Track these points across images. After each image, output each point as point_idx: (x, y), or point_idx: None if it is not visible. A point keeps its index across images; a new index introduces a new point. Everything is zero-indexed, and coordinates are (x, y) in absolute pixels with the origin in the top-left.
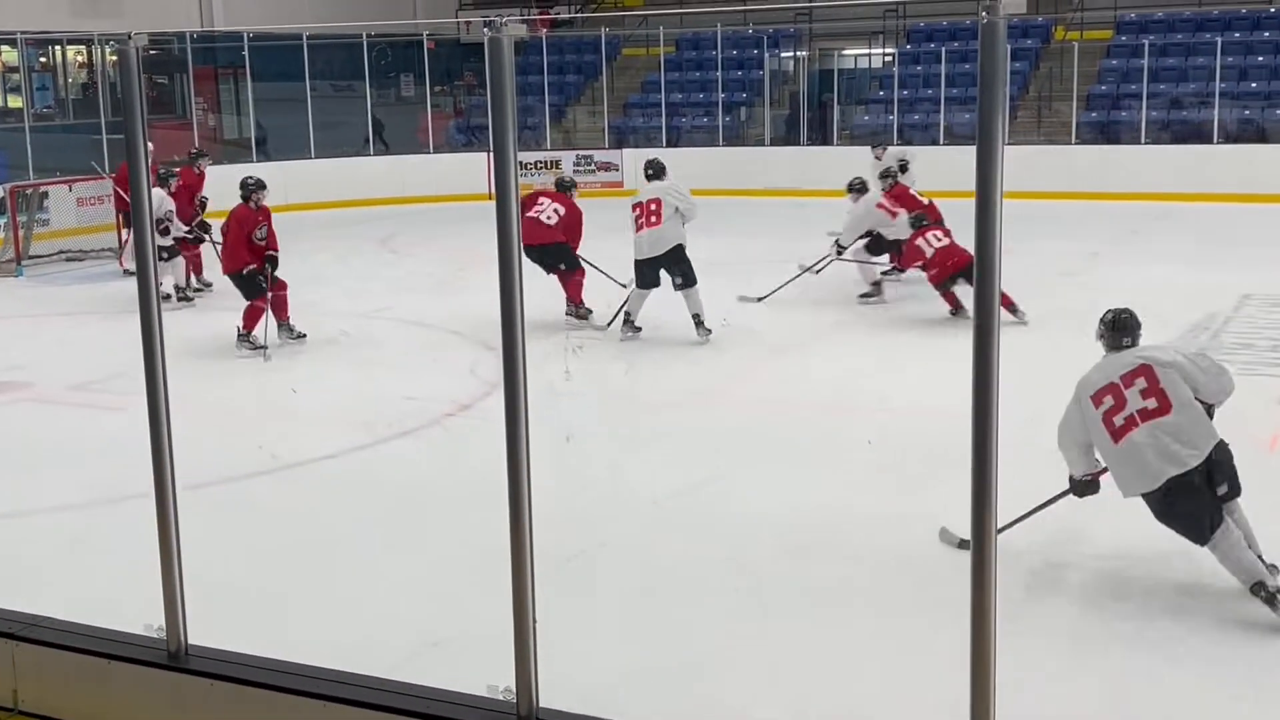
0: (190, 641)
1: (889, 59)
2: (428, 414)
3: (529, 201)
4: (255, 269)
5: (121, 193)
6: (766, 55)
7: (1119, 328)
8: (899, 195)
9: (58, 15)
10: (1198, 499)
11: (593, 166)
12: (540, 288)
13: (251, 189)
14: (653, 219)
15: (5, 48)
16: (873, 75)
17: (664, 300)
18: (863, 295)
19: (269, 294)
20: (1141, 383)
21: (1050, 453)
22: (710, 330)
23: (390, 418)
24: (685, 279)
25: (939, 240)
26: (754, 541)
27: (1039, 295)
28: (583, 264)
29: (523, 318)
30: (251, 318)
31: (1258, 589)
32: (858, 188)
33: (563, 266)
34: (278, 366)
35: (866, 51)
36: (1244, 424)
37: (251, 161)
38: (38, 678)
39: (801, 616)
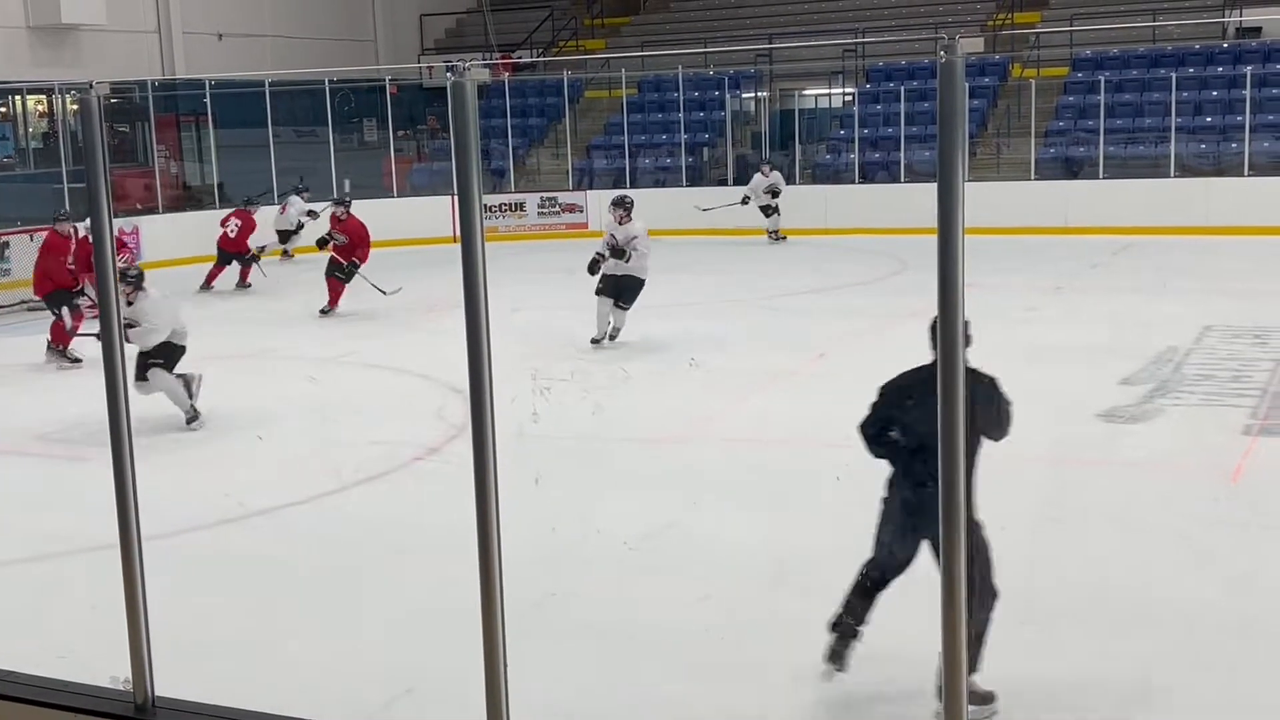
0: (157, 693)
1: (849, 98)
2: (395, 459)
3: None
4: (66, 290)
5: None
6: (728, 96)
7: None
8: None
9: (18, 65)
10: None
11: (557, 208)
12: (506, 330)
13: (58, 218)
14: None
15: None
16: (833, 114)
17: (638, 343)
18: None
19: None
20: None
21: (1010, 473)
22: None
23: (357, 463)
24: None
25: None
26: (727, 580)
27: (1003, 329)
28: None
29: (490, 360)
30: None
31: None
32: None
33: None
34: (241, 413)
35: (827, 91)
36: (1208, 454)
37: (215, 208)
38: None
39: (777, 653)
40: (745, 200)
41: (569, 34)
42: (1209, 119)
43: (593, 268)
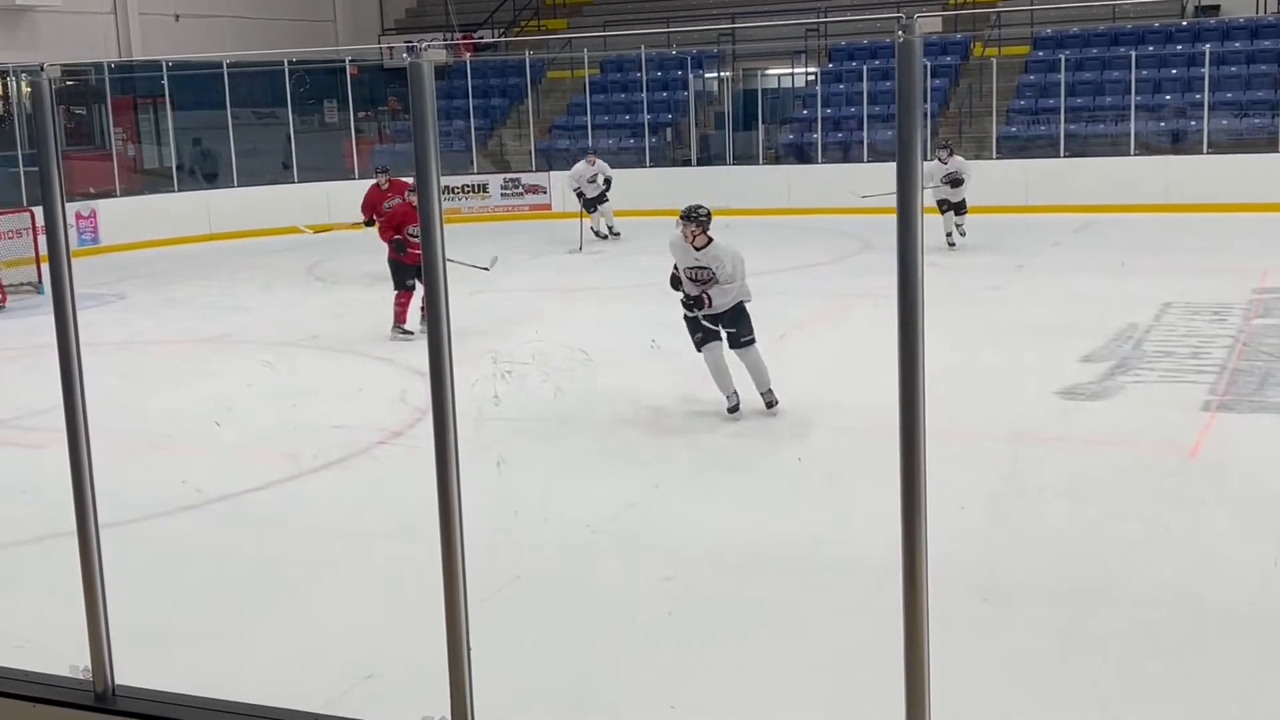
0: (118, 681)
1: (811, 78)
2: (357, 443)
3: None
4: None
5: None
6: (691, 76)
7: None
8: None
9: None
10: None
11: (520, 189)
12: (465, 312)
13: None
14: None
15: None
16: (796, 94)
17: (599, 325)
18: None
19: None
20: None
21: (970, 452)
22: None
23: (319, 447)
24: None
25: None
26: (689, 562)
27: (964, 308)
28: None
29: (450, 343)
30: None
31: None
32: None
33: None
34: (199, 399)
35: (789, 71)
36: (1167, 431)
37: (172, 191)
38: None
39: (741, 635)
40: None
41: (530, 14)
42: (1168, 97)
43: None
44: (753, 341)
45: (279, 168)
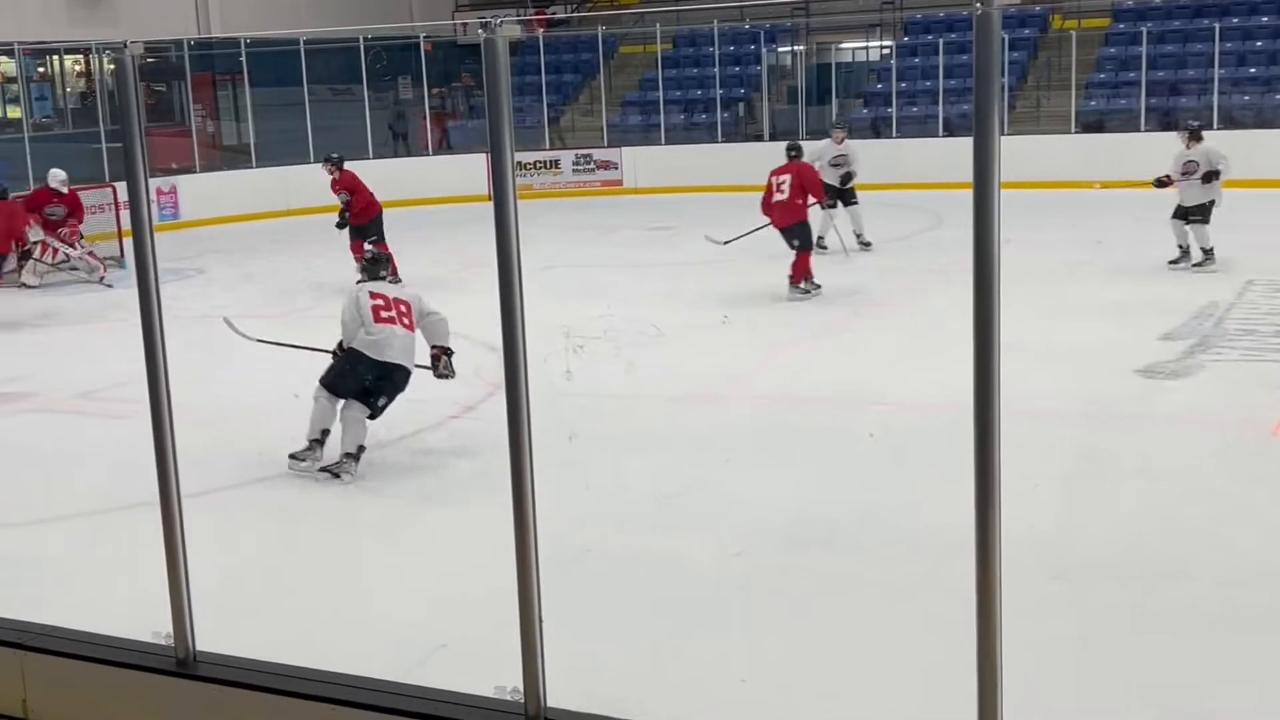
0: (198, 648)
1: (886, 52)
2: (431, 417)
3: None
4: None
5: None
6: (764, 50)
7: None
8: None
9: (55, 25)
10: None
11: (591, 165)
12: (540, 287)
13: None
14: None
15: (3, 58)
16: (870, 68)
17: (670, 300)
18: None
19: None
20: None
21: (1045, 430)
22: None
23: (393, 421)
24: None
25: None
26: (759, 537)
27: (1044, 283)
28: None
29: (524, 318)
30: None
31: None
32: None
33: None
34: (279, 370)
35: (864, 44)
36: (1248, 410)
37: (250, 168)
38: (47, 687)
39: (810, 610)
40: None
41: None
42: (1253, 70)
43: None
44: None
45: (356, 143)
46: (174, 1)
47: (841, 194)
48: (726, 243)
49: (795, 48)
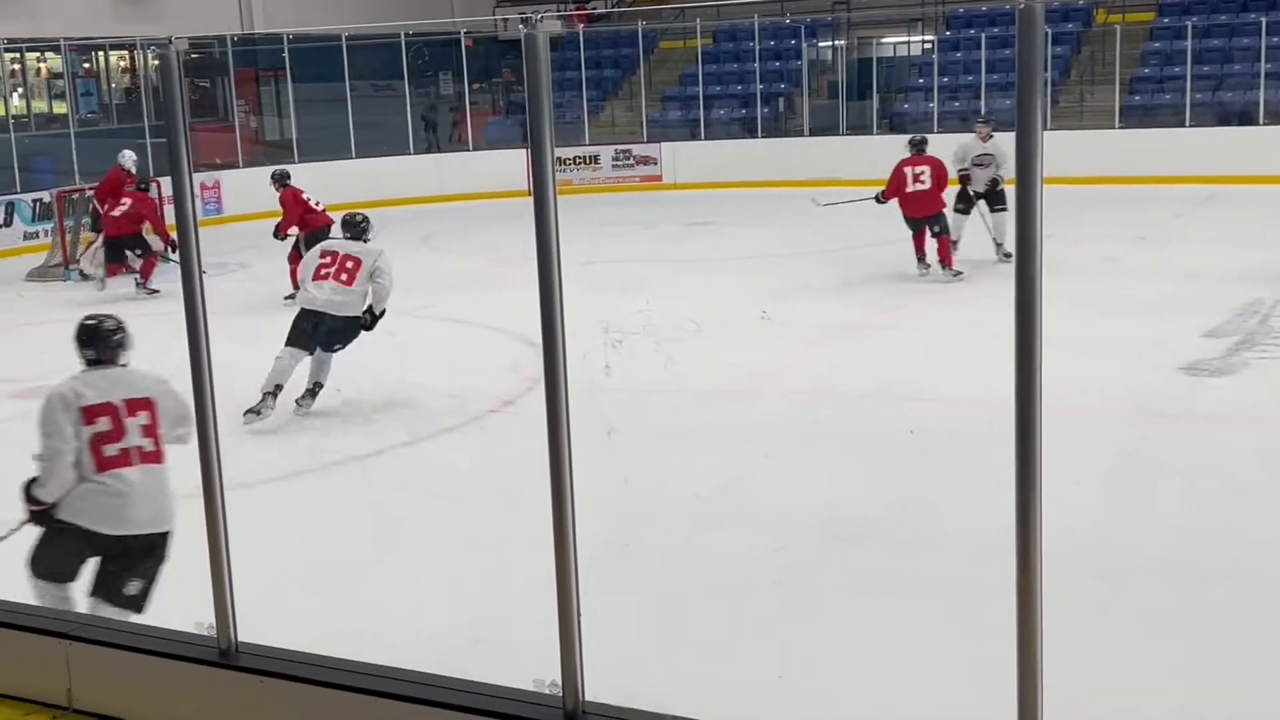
0: (240, 639)
1: (928, 46)
2: (470, 411)
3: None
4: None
5: (99, 205)
6: (804, 45)
7: (97, 337)
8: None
9: (100, 21)
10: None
11: (631, 161)
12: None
13: None
14: None
15: (50, 54)
16: (912, 63)
17: (709, 296)
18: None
19: None
20: (144, 417)
21: (1087, 427)
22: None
23: (433, 414)
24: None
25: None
26: (798, 533)
27: (1086, 279)
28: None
29: (563, 314)
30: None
31: None
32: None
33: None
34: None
35: (905, 39)
36: None
37: (293, 162)
38: (91, 677)
39: (848, 607)
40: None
41: None
42: None
43: None
44: None
45: (399, 140)
46: None
47: (989, 197)
48: (827, 205)
49: (836, 42)
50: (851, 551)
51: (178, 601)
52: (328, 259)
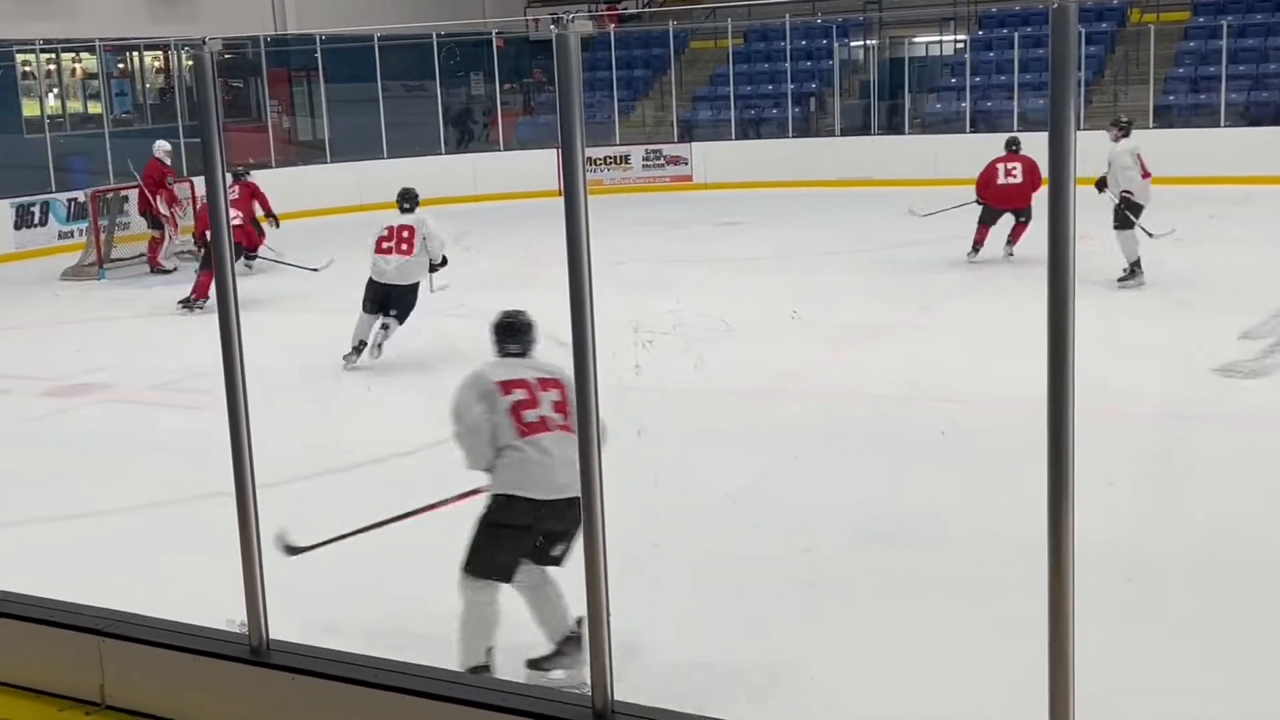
0: (272, 636)
1: (960, 45)
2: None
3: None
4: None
5: (149, 194)
6: (836, 45)
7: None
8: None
9: (135, 21)
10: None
11: (662, 161)
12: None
13: None
14: None
15: (85, 55)
16: (944, 63)
17: (739, 296)
18: (1120, 280)
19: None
20: (555, 394)
21: (1119, 429)
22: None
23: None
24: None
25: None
26: (828, 534)
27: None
28: None
29: (593, 313)
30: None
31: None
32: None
33: None
34: (353, 364)
35: (938, 39)
36: None
37: (325, 163)
38: (123, 673)
39: (878, 608)
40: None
41: None
42: None
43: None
44: None
45: (429, 139)
46: None
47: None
48: (928, 214)
49: (867, 42)
50: (881, 552)
51: (210, 599)
52: (386, 233)
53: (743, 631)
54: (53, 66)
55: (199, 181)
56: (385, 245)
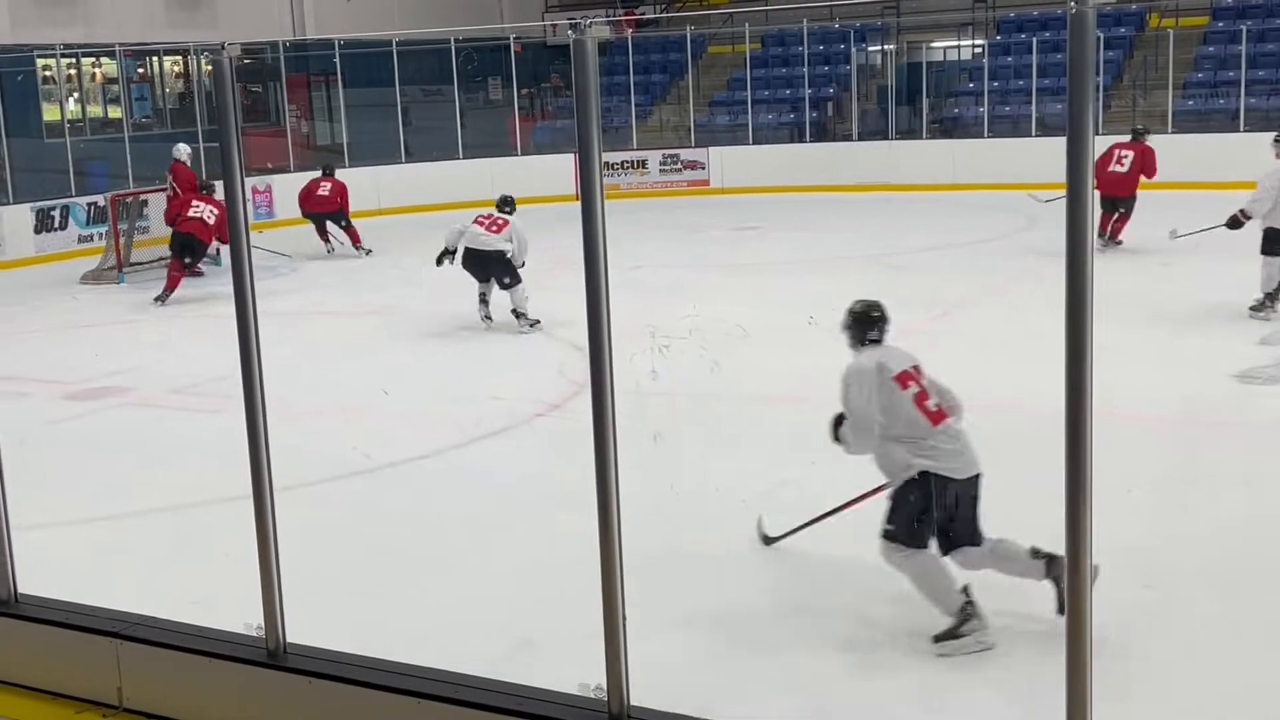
0: (289, 639)
1: (978, 50)
2: (517, 414)
3: None
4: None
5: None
6: (853, 49)
7: (867, 322)
8: None
9: (155, 27)
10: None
11: (679, 165)
12: (626, 287)
13: None
14: None
15: (105, 59)
16: (962, 67)
17: (755, 300)
18: (1252, 307)
19: None
20: (925, 380)
21: (1138, 435)
22: None
23: (480, 418)
24: None
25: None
26: (846, 539)
27: (1135, 287)
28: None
29: (609, 318)
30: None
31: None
32: None
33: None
34: (368, 368)
35: (955, 43)
36: None
37: (344, 167)
38: (142, 676)
39: (896, 614)
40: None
41: None
42: None
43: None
44: None
45: (446, 144)
46: (270, 4)
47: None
48: (1048, 201)
49: (885, 47)
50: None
51: (227, 602)
52: (483, 217)
53: (759, 637)
54: (73, 71)
55: (218, 185)
56: (478, 220)
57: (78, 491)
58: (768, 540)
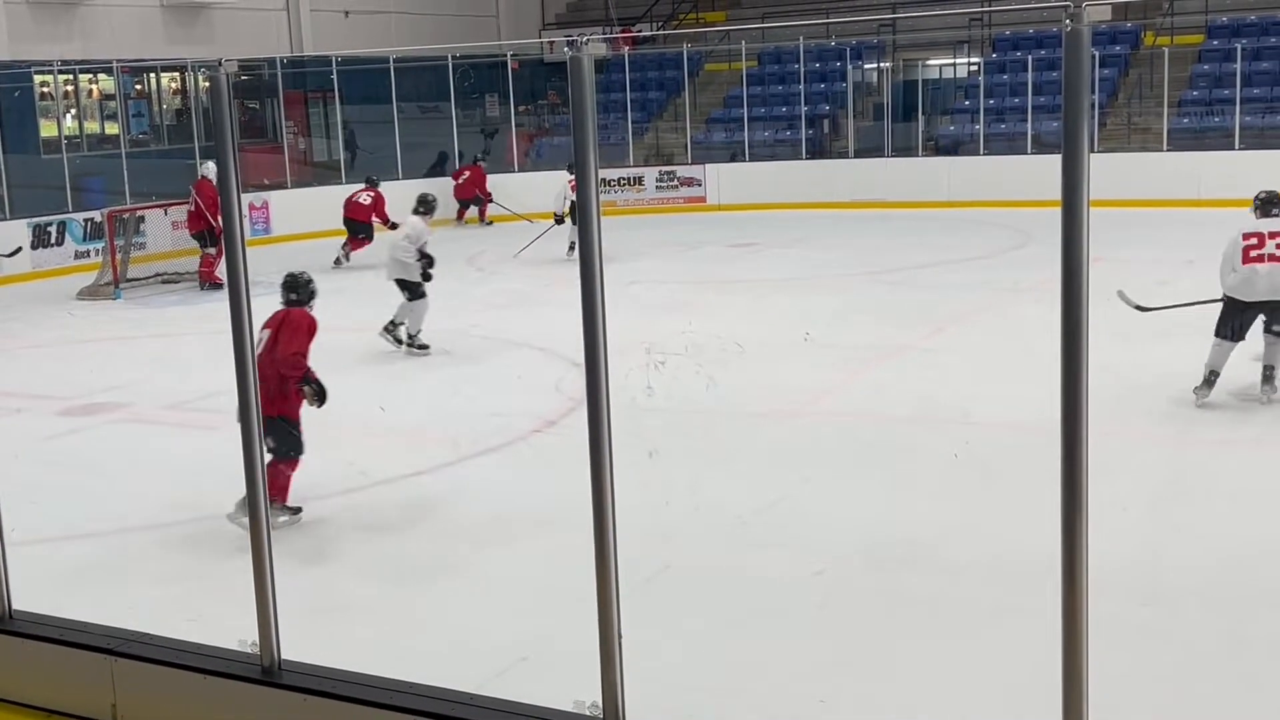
0: (283, 656)
1: (974, 68)
2: (513, 430)
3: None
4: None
5: (209, 214)
6: (849, 67)
7: (1271, 201)
8: None
9: (152, 43)
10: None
11: (675, 182)
12: (622, 303)
13: None
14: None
15: (102, 75)
16: (958, 85)
17: (752, 317)
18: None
19: None
20: None
21: (1134, 452)
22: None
23: (477, 434)
24: None
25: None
26: (840, 556)
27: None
28: None
29: (605, 334)
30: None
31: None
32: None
33: None
34: (364, 385)
35: (951, 61)
36: None
37: (340, 184)
38: (135, 692)
39: (890, 631)
40: None
41: (689, 6)
42: None
43: None
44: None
45: (443, 160)
46: (267, 20)
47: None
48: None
49: (881, 64)
50: (893, 575)
51: (222, 619)
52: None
53: (754, 653)
54: (70, 87)
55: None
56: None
57: (73, 507)
58: (1141, 309)
